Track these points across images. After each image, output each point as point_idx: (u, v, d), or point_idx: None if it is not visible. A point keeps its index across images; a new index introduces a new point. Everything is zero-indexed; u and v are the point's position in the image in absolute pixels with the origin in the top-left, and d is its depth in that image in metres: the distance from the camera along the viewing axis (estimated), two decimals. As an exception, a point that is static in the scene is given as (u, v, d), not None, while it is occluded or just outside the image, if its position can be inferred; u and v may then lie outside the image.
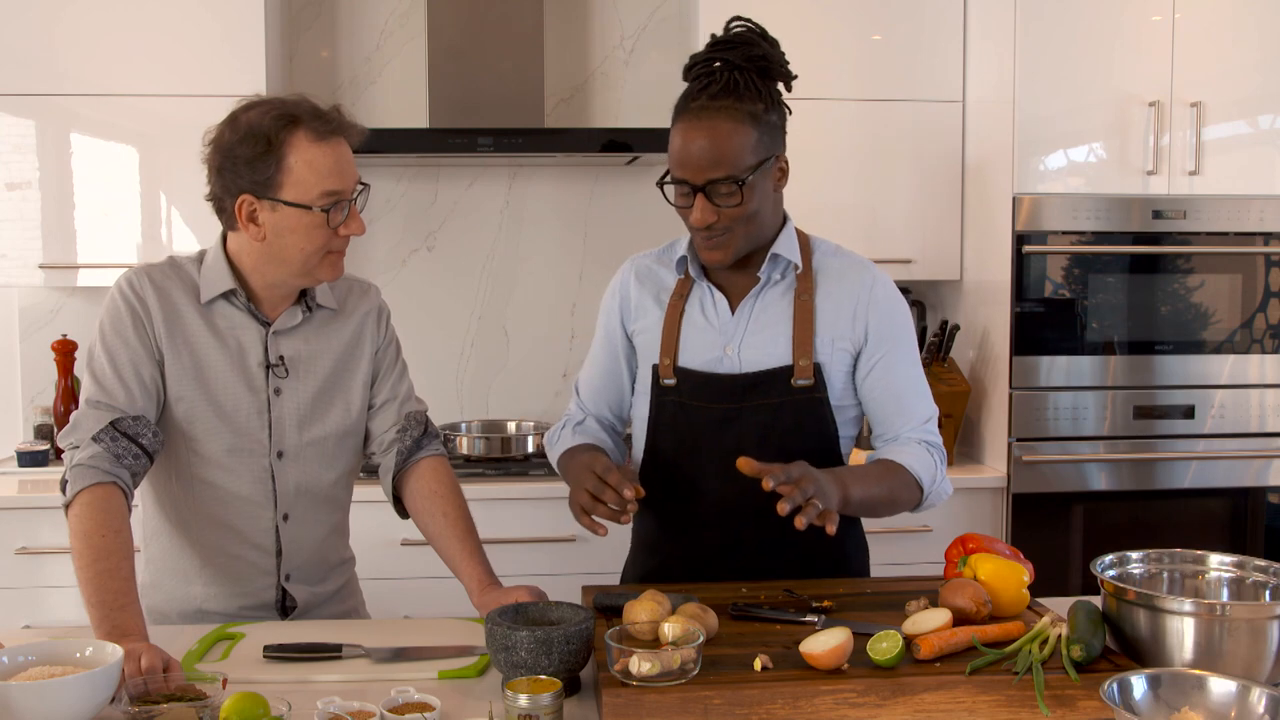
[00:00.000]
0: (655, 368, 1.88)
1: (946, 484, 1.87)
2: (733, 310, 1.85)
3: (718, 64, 1.74)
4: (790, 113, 1.81)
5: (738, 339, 1.83)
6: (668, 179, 1.77)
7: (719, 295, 1.86)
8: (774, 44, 1.77)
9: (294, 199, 1.68)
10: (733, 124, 1.70)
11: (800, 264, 1.83)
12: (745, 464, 1.59)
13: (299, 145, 1.68)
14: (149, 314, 1.75)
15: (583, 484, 1.69)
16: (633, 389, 1.97)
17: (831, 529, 1.57)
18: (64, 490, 1.66)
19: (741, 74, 1.72)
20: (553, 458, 1.99)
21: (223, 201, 1.74)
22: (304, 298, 1.84)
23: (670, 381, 1.86)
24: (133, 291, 1.76)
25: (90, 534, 1.59)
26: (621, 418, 2.02)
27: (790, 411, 1.81)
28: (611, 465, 1.70)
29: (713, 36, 1.78)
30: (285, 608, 1.86)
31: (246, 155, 1.68)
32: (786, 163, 1.80)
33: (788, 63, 1.78)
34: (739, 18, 1.78)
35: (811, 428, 1.82)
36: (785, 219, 1.86)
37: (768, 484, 1.55)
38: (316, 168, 1.68)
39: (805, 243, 1.88)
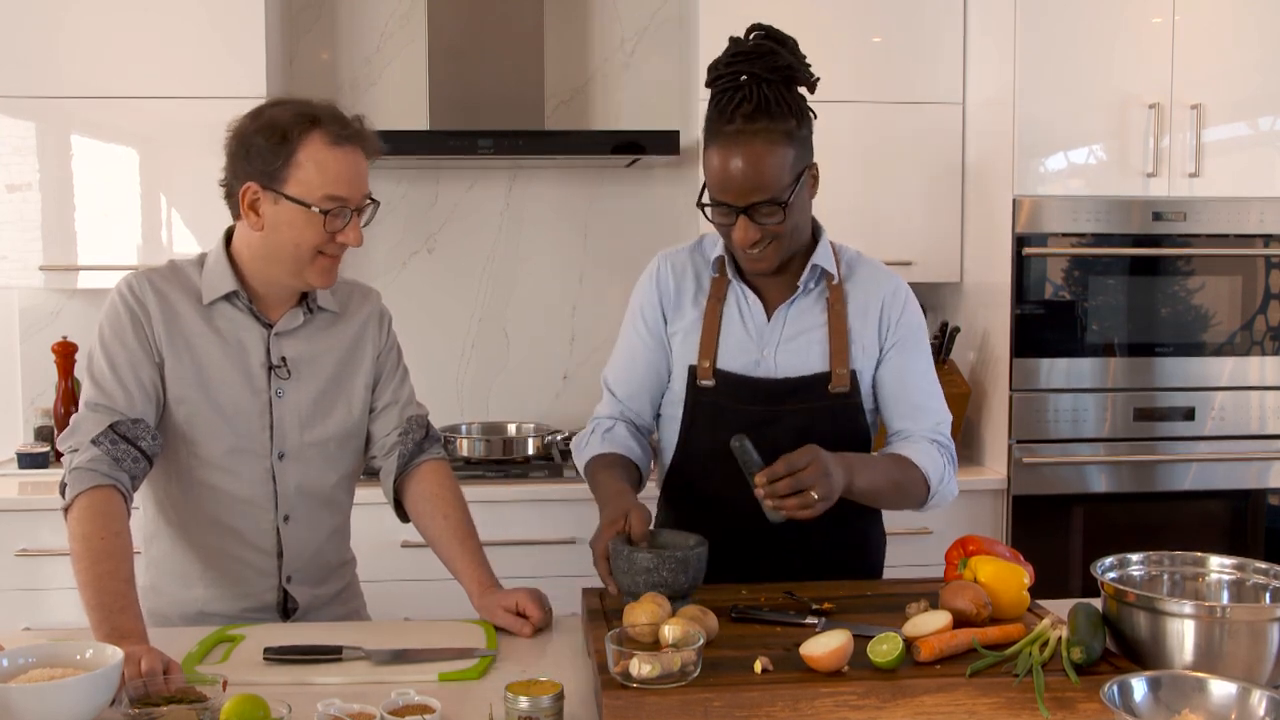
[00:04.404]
0: (692, 369, 1.88)
1: (953, 485, 1.89)
2: (768, 315, 1.88)
3: (744, 78, 1.73)
4: (815, 116, 1.80)
5: (774, 345, 1.87)
6: (706, 200, 1.77)
7: (754, 300, 1.88)
8: (793, 47, 1.76)
9: (297, 195, 1.69)
10: (771, 146, 1.70)
11: (837, 275, 1.87)
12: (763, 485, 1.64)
13: (313, 144, 1.69)
14: (149, 317, 1.75)
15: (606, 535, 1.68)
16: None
17: (807, 513, 1.63)
18: (63, 494, 1.66)
19: (771, 89, 1.71)
20: (580, 462, 1.97)
21: (232, 187, 1.75)
22: (305, 300, 1.84)
23: (709, 383, 1.87)
24: (132, 295, 1.76)
25: (90, 536, 1.59)
26: (654, 414, 1.99)
27: (828, 416, 1.86)
28: (641, 523, 1.68)
29: (732, 40, 1.76)
30: (287, 610, 1.86)
31: (261, 145, 1.70)
32: (817, 169, 1.81)
33: (808, 65, 1.78)
34: (759, 25, 1.77)
35: (846, 431, 1.87)
36: (819, 228, 1.89)
37: (761, 479, 1.62)
38: (325, 170, 1.69)
39: (834, 252, 1.91)
